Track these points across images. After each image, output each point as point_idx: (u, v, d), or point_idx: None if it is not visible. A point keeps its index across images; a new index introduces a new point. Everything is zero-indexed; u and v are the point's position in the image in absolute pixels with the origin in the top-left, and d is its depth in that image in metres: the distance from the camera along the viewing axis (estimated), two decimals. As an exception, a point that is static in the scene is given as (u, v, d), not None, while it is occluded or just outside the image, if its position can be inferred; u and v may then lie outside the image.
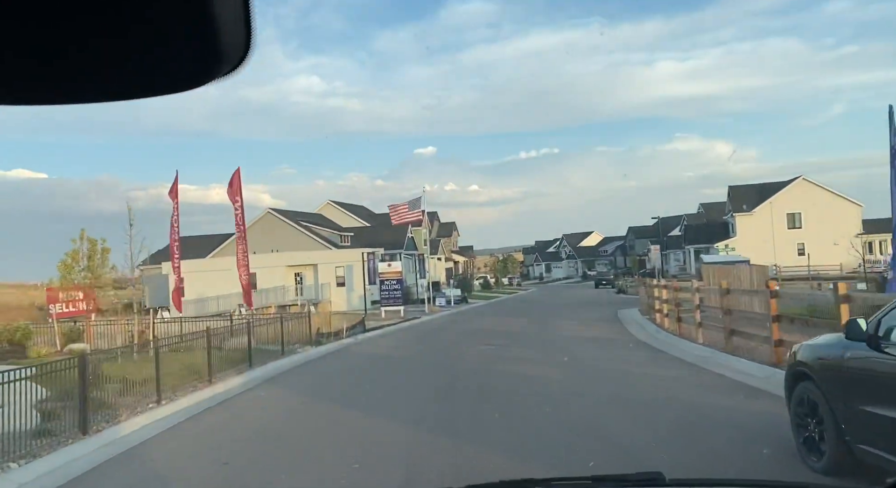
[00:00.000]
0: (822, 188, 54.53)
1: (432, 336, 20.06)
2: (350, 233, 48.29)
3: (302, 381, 11.81)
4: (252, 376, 12.65)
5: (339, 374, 12.52)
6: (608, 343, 15.09)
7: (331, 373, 12.59)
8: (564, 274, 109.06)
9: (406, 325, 25.34)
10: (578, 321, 22.91)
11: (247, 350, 14.07)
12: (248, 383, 11.82)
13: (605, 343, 15.14)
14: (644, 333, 17.31)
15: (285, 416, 8.49)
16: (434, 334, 20.71)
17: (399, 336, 20.71)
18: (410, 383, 10.26)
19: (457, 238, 78.67)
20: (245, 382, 11.92)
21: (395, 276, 30.36)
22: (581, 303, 37.56)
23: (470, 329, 21.57)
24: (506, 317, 27.39)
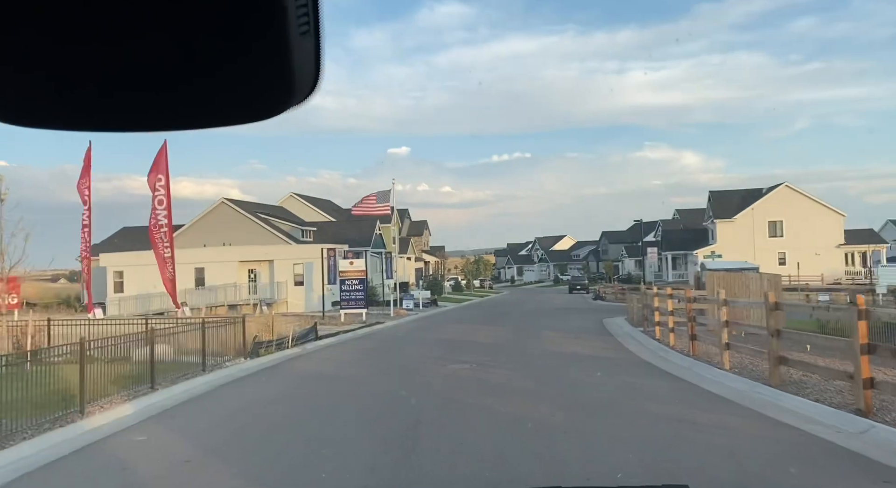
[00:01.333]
0: (805, 196, 53.05)
1: (394, 347, 17.01)
2: (313, 228, 44.91)
3: (205, 418, 8.68)
4: (148, 403, 9.47)
5: (260, 406, 9.40)
6: (611, 365, 12.24)
7: (246, 407, 9.44)
8: (536, 277, 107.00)
9: (366, 332, 22.22)
10: (564, 331, 20.12)
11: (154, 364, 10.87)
12: (135, 416, 8.65)
13: (607, 364, 12.30)
14: (646, 351, 14.54)
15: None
16: (397, 345, 17.66)
17: (355, 347, 17.60)
18: (352, 431, 7.21)
19: (428, 237, 75.67)
20: (132, 414, 8.74)
21: (357, 276, 27.24)
22: (559, 309, 34.90)
23: (439, 338, 18.59)
24: (480, 323, 24.48)
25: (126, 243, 42.80)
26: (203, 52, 0.56)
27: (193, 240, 39.27)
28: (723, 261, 20.64)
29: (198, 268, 35.91)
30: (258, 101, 0.62)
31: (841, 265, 51.86)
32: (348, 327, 23.96)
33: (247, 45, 0.56)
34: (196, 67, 0.58)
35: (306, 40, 0.57)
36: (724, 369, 10.72)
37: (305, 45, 0.57)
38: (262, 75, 0.58)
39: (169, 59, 0.57)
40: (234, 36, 0.55)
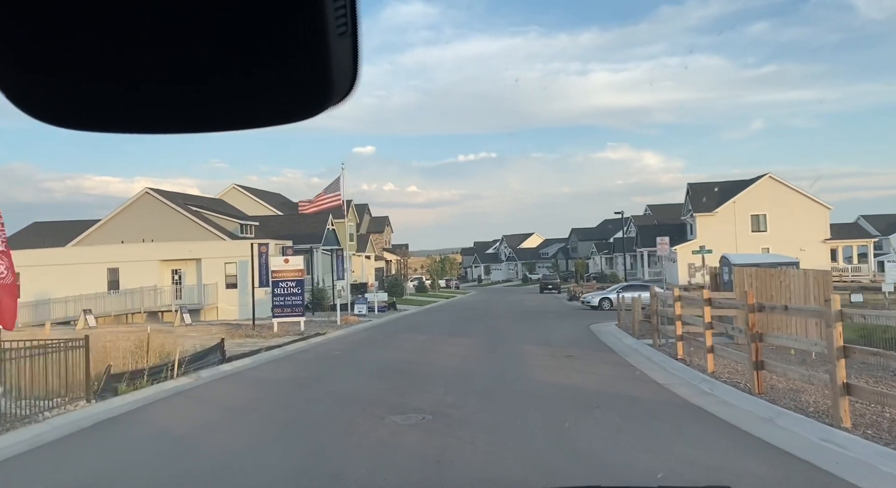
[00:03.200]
0: (790, 187, 50.03)
1: (320, 377, 12.26)
2: (254, 223, 39.68)
3: None
4: None
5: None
6: (644, 414, 7.77)
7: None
8: (504, 276, 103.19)
9: (295, 349, 17.37)
10: (549, 345, 15.66)
11: None
12: None
13: (638, 413, 7.83)
14: (679, 382, 10.14)
15: None
16: (325, 372, 12.92)
17: (267, 375, 12.76)
18: None
19: (390, 235, 70.79)
20: None
21: (293, 276, 22.36)
22: (535, 312, 30.55)
23: (386, 361, 13.93)
24: (444, 334, 19.87)
25: (37, 239, 36.92)
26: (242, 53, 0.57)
27: (112, 237, 33.75)
28: (751, 255, 16.63)
29: (111, 269, 30.48)
30: (297, 102, 0.62)
31: (827, 261, 48.92)
32: (277, 341, 19.09)
33: (286, 47, 0.57)
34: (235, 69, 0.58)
35: (344, 41, 0.57)
36: (845, 426, 6.37)
37: (343, 45, 0.57)
38: (300, 76, 0.59)
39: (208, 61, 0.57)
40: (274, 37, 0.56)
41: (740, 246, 48.55)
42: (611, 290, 32.38)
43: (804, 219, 48.81)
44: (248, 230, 38.54)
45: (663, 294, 15.22)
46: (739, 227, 49.54)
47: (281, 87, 0.61)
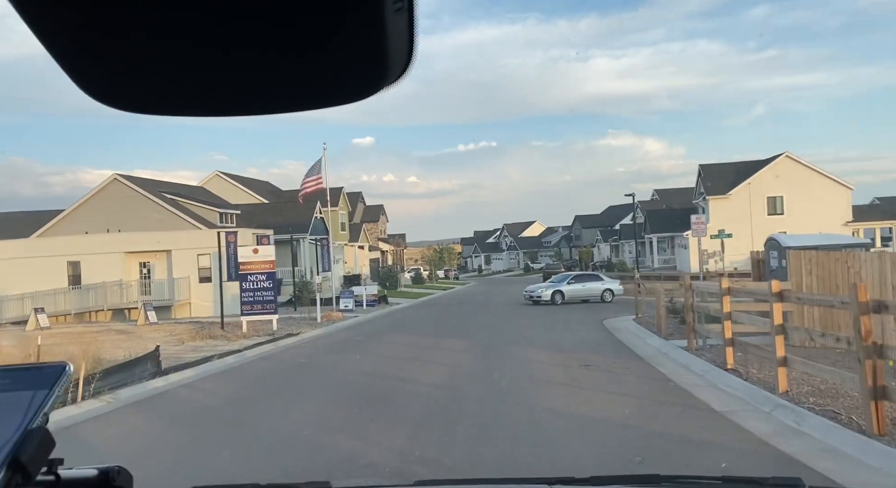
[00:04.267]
0: (808, 167, 47.03)
1: (252, 406, 9.42)
2: (235, 212, 36.86)
3: None
4: None
5: None
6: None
7: None
8: (505, 266, 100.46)
9: (256, 356, 14.57)
10: (559, 349, 12.84)
11: None
12: None
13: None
14: (740, 405, 7.33)
15: None
16: (267, 397, 10.11)
17: (187, 405, 9.89)
18: None
19: (385, 224, 67.92)
20: None
21: (263, 268, 19.56)
22: (539, 305, 27.73)
23: (351, 377, 11.13)
24: (433, 335, 17.08)
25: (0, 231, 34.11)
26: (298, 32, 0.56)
27: (78, 228, 30.97)
28: (806, 236, 13.85)
29: (72, 262, 27.71)
30: (353, 81, 0.62)
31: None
32: (240, 344, 16.33)
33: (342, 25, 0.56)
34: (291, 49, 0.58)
35: (400, 17, 0.56)
36: None
37: (399, 22, 0.56)
38: (357, 55, 0.58)
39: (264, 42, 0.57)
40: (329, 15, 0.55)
41: (755, 230, 45.64)
42: (561, 280, 28.55)
43: (824, 201, 45.85)
44: (228, 219, 35.73)
45: (703, 285, 12.39)
46: (755, 210, 46.64)
47: (338, 67, 0.60)
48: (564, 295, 26.89)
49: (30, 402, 0.83)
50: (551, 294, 26.90)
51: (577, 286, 27.61)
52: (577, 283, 27.95)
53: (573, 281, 28.26)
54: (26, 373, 0.89)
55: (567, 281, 28.17)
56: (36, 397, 0.83)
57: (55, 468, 0.86)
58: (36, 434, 0.79)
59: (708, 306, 11.30)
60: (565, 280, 28.45)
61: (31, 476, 0.77)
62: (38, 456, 0.79)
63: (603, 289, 27.91)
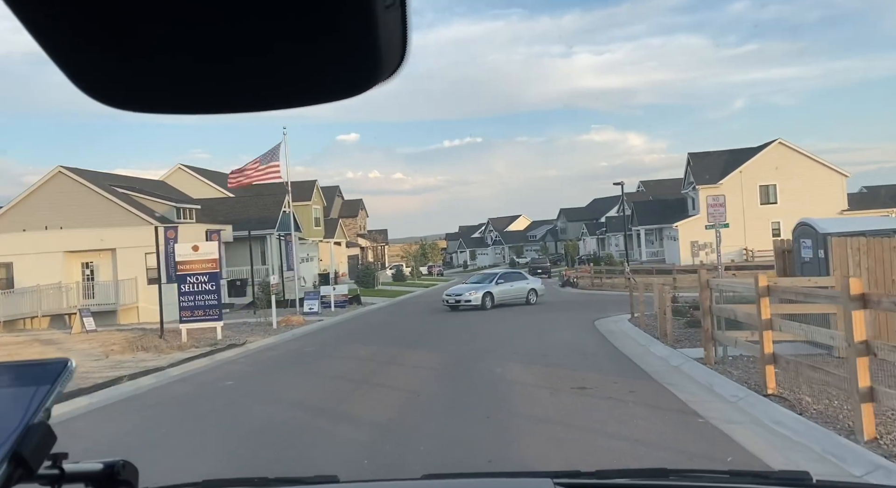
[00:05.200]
0: (802, 153, 45.17)
1: (138, 454, 6.93)
2: (195, 207, 34.09)
3: None
4: None
5: None
6: None
7: None
8: (490, 261, 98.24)
9: (167, 380, 11.95)
10: (546, 361, 10.42)
11: None
12: None
13: None
14: (812, 456, 4.92)
15: None
16: (145, 447, 7.60)
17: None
18: None
19: (365, 219, 65.20)
20: None
21: (205, 268, 16.98)
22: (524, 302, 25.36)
23: (277, 411, 8.65)
24: (399, 344, 14.63)
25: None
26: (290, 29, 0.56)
27: (16, 226, 28.09)
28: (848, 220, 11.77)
29: (3, 264, 24.85)
30: (346, 78, 0.61)
31: (844, 234, 44.28)
32: (172, 358, 13.78)
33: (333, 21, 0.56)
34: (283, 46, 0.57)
35: (392, 13, 0.56)
36: None
37: (391, 18, 0.56)
38: (349, 52, 0.58)
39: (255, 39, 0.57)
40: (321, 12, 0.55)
41: (748, 220, 43.84)
42: (486, 281, 24.32)
43: (818, 189, 44.01)
44: (186, 214, 32.97)
45: (727, 283, 9.99)
46: (747, 200, 44.68)
47: (330, 64, 0.59)
48: (495, 297, 22.94)
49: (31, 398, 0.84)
50: (482, 296, 22.62)
51: (505, 286, 23.77)
52: (506, 283, 24.04)
53: (502, 280, 24.16)
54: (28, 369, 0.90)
55: (495, 280, 23.95)
56: (38, 393, 0.85)
57: (59, 462, 0.87)
58: (37, 429, 0.81)
59: (733, 309, 8.95)
60: (492, 280, 24.22)
61: (33, 470, 0.79)
62: (40, 451, 0.81)
63: (528, 290, 24.34)
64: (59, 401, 0.80)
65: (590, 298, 26.95)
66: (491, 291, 23.04)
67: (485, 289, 23.09)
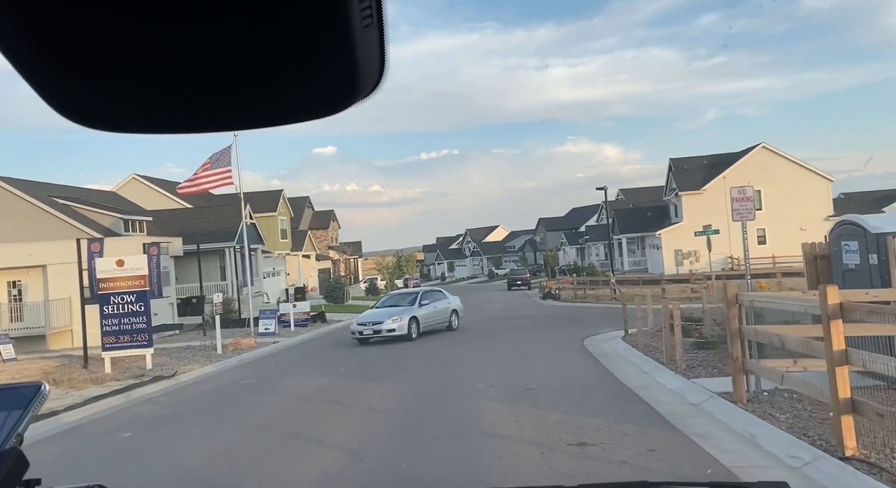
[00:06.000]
0: (786, 158, 43.92)
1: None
2: (146, 219, 31.42)
3: None
4: None
5: None
6: None
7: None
8: (469, 272, 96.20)
9: (50, 432, 9.51)
10: (532, 401, 8.18)
11: None
12: None
13: None
14: None
15: None
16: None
17: None
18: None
19: (337, 231, 62.63)
20: None
21: (132, 286, 14.52)
22: (503, 318, 23.18)
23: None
24: (355, 375, 12.32)
25: None
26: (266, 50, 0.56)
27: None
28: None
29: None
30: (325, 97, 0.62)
31: (830, 241, 42.97)
32: (78, 397, 11.31)
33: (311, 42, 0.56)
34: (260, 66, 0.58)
35: (370, 33, 0.56)
36: None
37: (369, 38, 0.56)
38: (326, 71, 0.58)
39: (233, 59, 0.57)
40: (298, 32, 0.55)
41: (733, 226, 42.22)
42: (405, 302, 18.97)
43: (804, 194, 42.74)
44: (135, 226, 30.28)
45: (766, 298, 7.83)
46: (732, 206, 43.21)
47: (308, 84, 0.60)
48: (420, 323, 18.16)
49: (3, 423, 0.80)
50: (408, 323, 17.61)
51: (429, 309, 18.93)
52: (430, 304, 19.14)
53: (425, 301, 19.09)
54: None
55: (418, 301, 18.78)
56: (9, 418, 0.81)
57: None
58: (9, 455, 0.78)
59: (783, 336, 6.83)
60: (414, 300, 18.88)
61: None
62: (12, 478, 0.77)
63: (451, 311, 19.91)
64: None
65: (574, 312, 24.88)
66: (416, 316, 18.02)
67: (409, 313, 17.91)
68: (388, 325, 17.37)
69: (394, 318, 17.55)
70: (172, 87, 0.58)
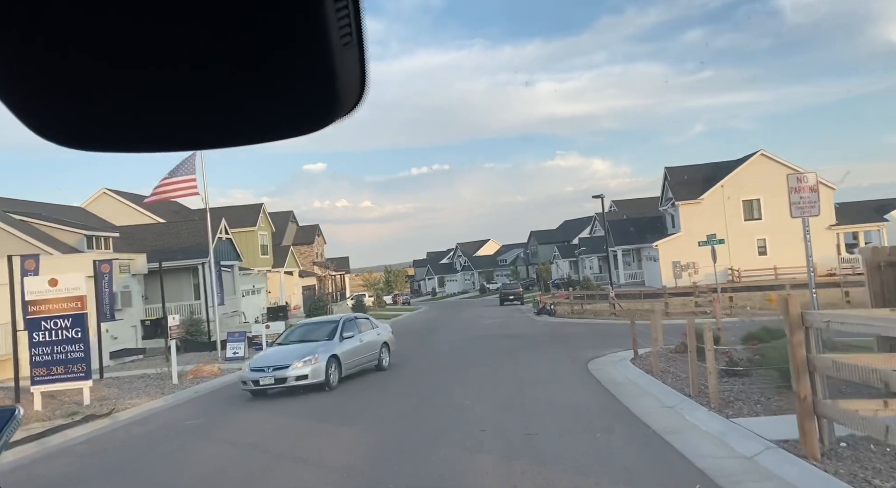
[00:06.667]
0: (786, 165, 42.41)
1: None
2: (113, 235, 29.34)
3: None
4: None
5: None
6: None
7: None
8: (460, 287, 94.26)
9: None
10: (547, 466, 6.28)
11: None
12: None
13: None
14: None
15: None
16: None
17: None
18: None
19: (322, 247, 60.58)
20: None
21: (67, 309, 12.54)
22: (495, 336, 21.25)
23: None
24: (318, 413, 10.39)
25: None
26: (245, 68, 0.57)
27: None
28: None
29: None
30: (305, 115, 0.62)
31: (833, 250, 41.50)
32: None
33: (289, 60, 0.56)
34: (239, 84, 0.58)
35: (349, 51, 0.56)
36: None
37: (349, 56, 0.57)
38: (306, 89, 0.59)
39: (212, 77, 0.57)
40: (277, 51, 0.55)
41: (732, 237, 40.77)
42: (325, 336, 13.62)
43: (804, 203, 41.21)
44: (100, 243, 28.19)
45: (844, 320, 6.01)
46: (731, 215, 41.76)
47: (288, 101, 0.60)
48: (342, 364, 13.12)
49: None
50: (325, 365, 12.45)
51: (354, 343, 13.85)
52: (354, 336, 14.04)
53: (348, 332, 13.94)
54: None
55: (339, 333, 13.67)
56: None
57: None
58: None
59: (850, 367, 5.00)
60: (333, 332, 13.72)
61: None
62: None
63: (380, 345, 14.92)
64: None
65: (573, 330, 23.02)
66: (337, 354, 12.91)
67: (327, 350, 12.77)
68: (297, 370, 12.10)
69: (305, 359, 12.27)
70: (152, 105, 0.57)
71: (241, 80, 0.56)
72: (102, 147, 0.61)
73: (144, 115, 0.58)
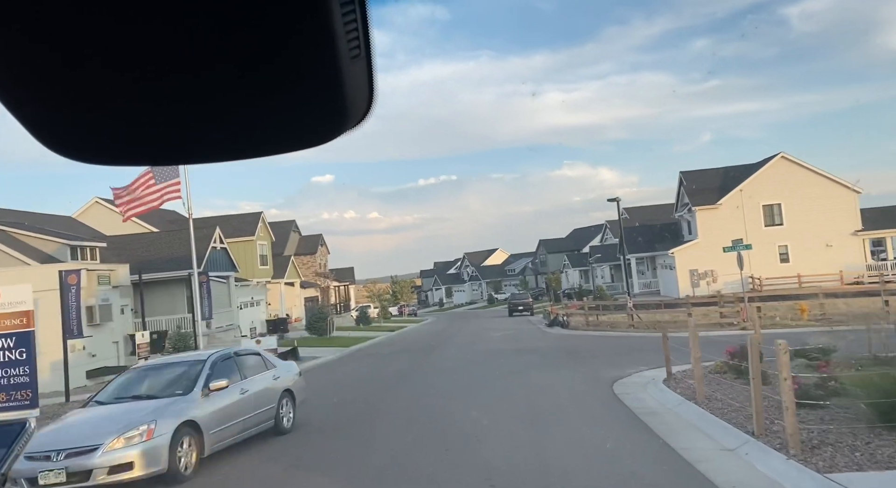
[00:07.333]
0: (808, 169, 40.56)
1: None
2: (101, 245, 27.77)
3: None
4: None
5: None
6: None
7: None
8: (468, 298, 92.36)
9: None
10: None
11: None
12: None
13: None
14: None
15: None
16: None
17: None
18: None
19: (326, 257, 58.91)
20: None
21: (8, 327, 10.87)
22: (505, 351, 19.38)
23: None
24: (296, 450, 8.58)
25: None
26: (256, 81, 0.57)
27: None
28: None
29: None
30: (313, 127, 0.63)
31: (860, 257, 39.41)
32: None
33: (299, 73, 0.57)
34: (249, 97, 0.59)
35: (357, 64, 0.57)
36: None
37: (357, 68, 0.57)
38: (315, 101, 0.60)
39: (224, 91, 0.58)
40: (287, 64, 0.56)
41: (753, 243, 38.66)
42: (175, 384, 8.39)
43: (828, 207, 39.23)
44: (85, 253, 26.63)
45: None
46: (750, 221, 39.73)
47: (297, 114, 0.61)
48: (204, 435, 7.72)
49: None
50: (169, 440, 7.17)
51: (230, 397, 8.45)
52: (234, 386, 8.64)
53: (219, 378, 8.34)
54: None
55: (202, 382, 8.19)
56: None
57: None
58: None
59: None
60: (195, 378, 8.31)
61: None
62: None
63: (279, 394, 9.61)
64: None
65: (590, 343, 21.14)
66: (194, 419, 7.72)
67: (176, 414, 7.65)
68: (114, 454, 6.96)
69: (131, 433, 7.14)
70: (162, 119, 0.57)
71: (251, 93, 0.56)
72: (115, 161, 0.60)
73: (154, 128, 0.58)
